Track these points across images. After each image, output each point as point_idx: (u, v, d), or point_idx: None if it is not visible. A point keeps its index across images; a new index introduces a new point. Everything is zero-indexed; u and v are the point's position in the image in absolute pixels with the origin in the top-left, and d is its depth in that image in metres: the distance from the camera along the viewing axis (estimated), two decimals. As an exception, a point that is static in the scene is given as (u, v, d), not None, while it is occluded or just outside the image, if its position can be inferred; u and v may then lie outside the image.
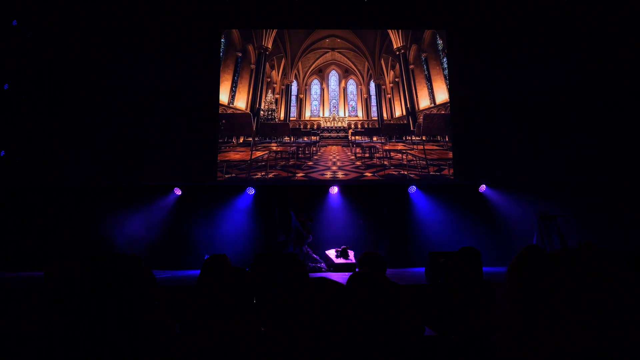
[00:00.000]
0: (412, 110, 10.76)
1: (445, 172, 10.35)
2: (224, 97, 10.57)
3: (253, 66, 10.83)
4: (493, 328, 0.95)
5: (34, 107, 9.61)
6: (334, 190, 10.41)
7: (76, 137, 9.97)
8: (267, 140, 10.58)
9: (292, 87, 10.94)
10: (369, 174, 10.39)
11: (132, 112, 10.05)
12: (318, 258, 9.20)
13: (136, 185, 9.93)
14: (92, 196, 9.80)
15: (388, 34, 10.94)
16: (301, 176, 10.33)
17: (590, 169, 10.10)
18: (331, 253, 9.23)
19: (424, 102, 10.79)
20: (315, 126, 10.80)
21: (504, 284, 0.95)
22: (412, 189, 10.46)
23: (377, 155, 10.55)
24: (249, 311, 1.93)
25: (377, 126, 10.78)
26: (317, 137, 10.68)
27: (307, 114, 10.91)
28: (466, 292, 3.19)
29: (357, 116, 10.91)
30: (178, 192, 10.19)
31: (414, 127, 10.66)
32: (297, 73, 10.98)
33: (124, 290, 1.19)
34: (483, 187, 10.43)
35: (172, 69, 10.20)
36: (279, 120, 10.72)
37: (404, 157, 10.50)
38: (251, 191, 10.32)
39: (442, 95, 10.70)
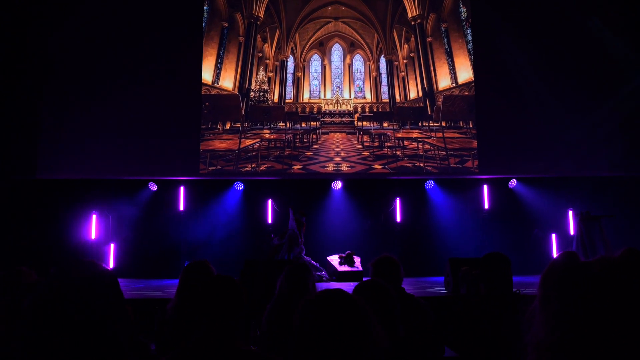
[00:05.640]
0: (429, 91, 10.75)
1: (469, 164, 10.36)
2: (207, 75, 10.56)
3: (242, 39, 10.81)
4: (523, 347, 0.96)
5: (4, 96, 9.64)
6: (338, 185, 10.42)
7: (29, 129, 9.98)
8: (259, 126, 10.58)
9: (288, 63, 10.93)
10: (379, 167, 10.40)
11: (97, 94, 10.01)
12: (318, 265, 9.20)
13: (102, 179, 9.91)
14: (52, 191, 9.81)
15: (402, 1, 10.91)
16: (298, 169, 10.34)
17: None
18: (334, 259, 9.24)
19: (443, 82, 10.78)
20: (315, 110, 10.80)
21: (536, 296, 0.96)
22: (430, 183, 10.47)
23: (388, 144, 10.55)
24: (237, 327, 1.94)
25: (388, 110, 10.77)
26: (318, 123, 10.68)
27: (306, 96, 10.90)
28: (492, 306, 3.20)
29: (364, 98, 10.90)
30: (153, 187, 10.20)
31: (431, 111, 10.66)
32: (293, 47, 10.96)
33: (84, 302, 1.19)
34: (513, 182, 10.44)
35: (146, 42, 10.15)
36: (273, 102, 10.71)
37: (419, 146, 10.50)
38: (239, 186, 10.34)
39: (465, 73, 10.68)
